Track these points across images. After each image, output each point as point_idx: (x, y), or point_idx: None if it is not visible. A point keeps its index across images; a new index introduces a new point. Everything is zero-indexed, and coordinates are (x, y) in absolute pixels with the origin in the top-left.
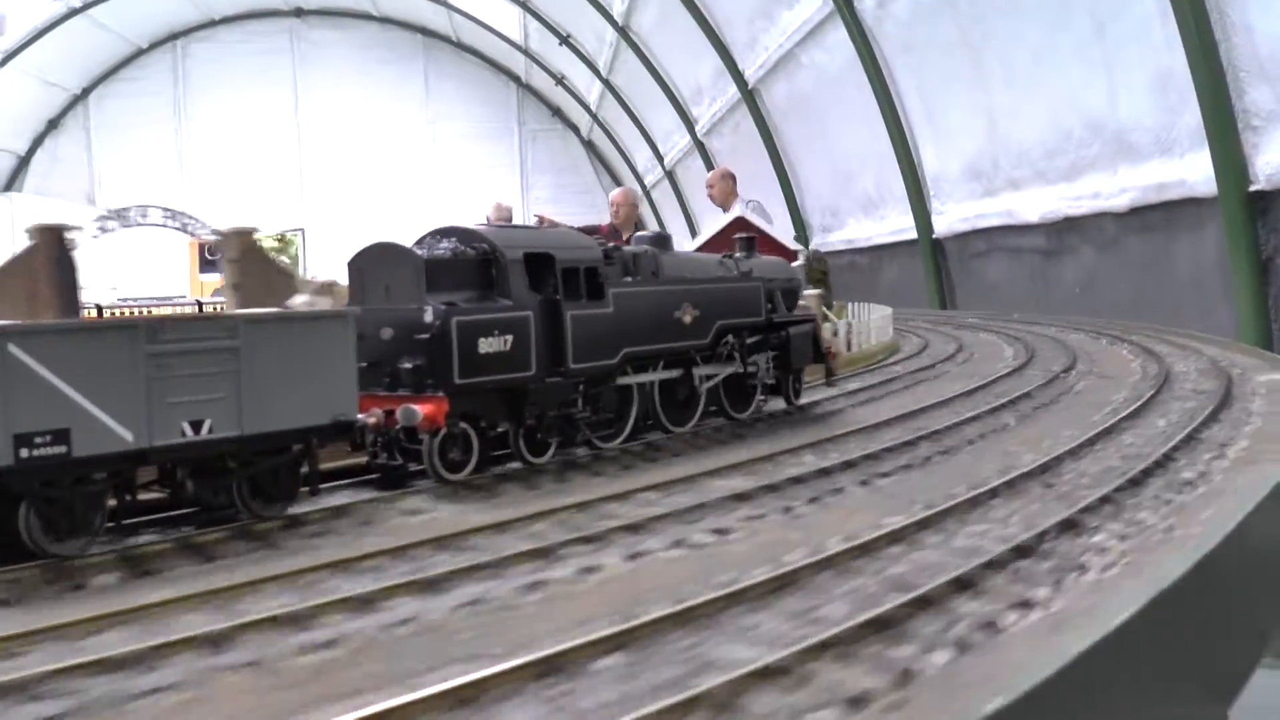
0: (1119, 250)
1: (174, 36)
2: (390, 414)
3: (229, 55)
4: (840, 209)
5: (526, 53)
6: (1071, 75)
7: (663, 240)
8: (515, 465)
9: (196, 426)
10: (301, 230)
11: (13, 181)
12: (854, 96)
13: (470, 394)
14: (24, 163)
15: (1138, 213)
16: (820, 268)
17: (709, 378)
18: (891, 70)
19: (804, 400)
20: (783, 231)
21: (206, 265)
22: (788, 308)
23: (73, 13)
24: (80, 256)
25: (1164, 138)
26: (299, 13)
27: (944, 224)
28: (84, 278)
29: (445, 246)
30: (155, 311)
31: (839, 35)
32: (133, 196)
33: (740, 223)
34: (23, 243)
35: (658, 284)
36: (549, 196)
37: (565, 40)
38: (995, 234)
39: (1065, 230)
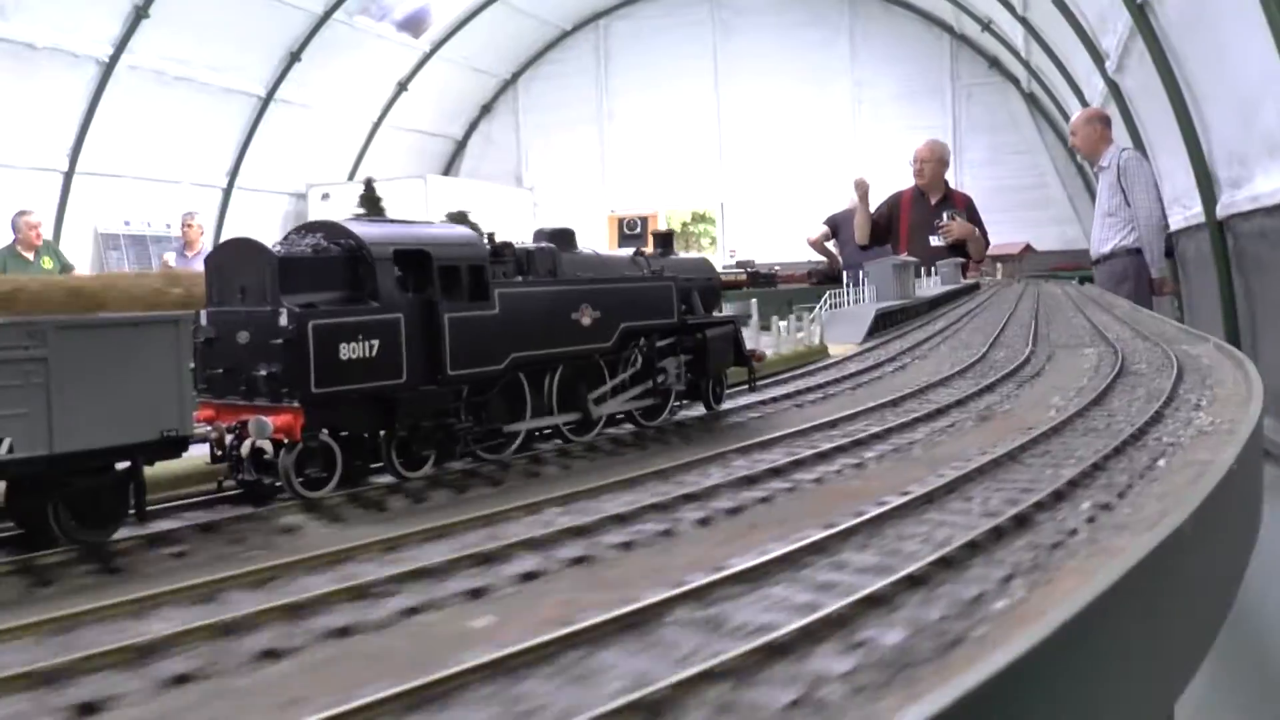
0: None
1: (596, 16)
2: (243, 426)
3: (649, 31)
4: (1248, 157)
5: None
6: None
7: (565, 237)
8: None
9: None
10: (721, 206)
11: (450, 165)
12: None
13: (331, 404)
14: (460, 147)
15: None
16: None
17: (603, 395)
18: None
19: (728, 405)
20: (1145, 196)
21: (626, 240)
22: (706, 308)
23: (491, 1)
24: None
25: None
26: None
27: None
28: None
29: (307, 243)
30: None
31: None
32: (555, 175)
33: None
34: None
35: (553, 284)
36: (984, 158)
37: None
38: None
39: None
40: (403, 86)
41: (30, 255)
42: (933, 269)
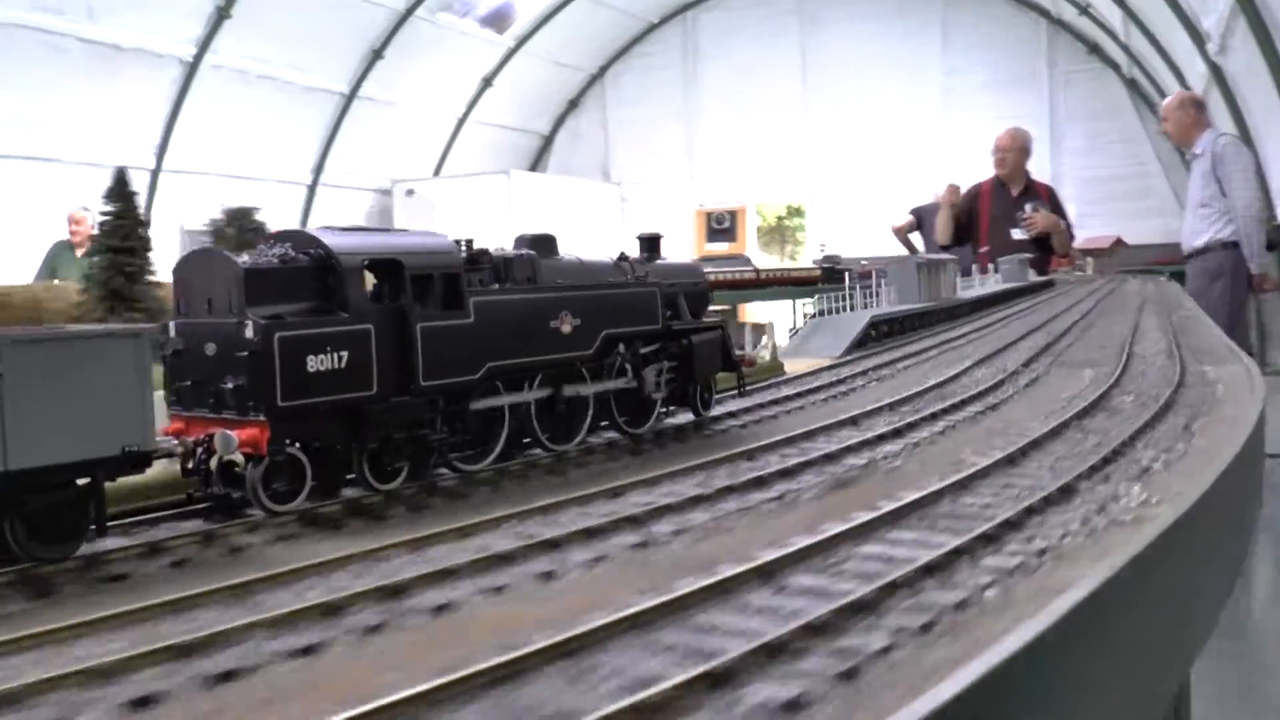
0: None
1: (684, 9)
2: (210, 439)
3: (736, 23)
4: None
5: None
6: None
7: (545, 243)
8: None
9: None
10: (809, 199)
11: (538, 161)
12: None
13: (299, 417)
14: (548, 143)
15: None
16: None
17: (586, 392)
18: None
19: (716, 411)
20: (1243, 185)
21: (714, 234)
22: (693, 314)
23: None
24: None
25: None
26: None
27: None
28: None
29: (274, 253)
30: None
31: None
32: (642, 170)
33: None
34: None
35: (530, 291)
36: (1082, 147)
37: None
38: None
39: None
40: (487, 82)
41: (78, 252)
42: (993, 266)
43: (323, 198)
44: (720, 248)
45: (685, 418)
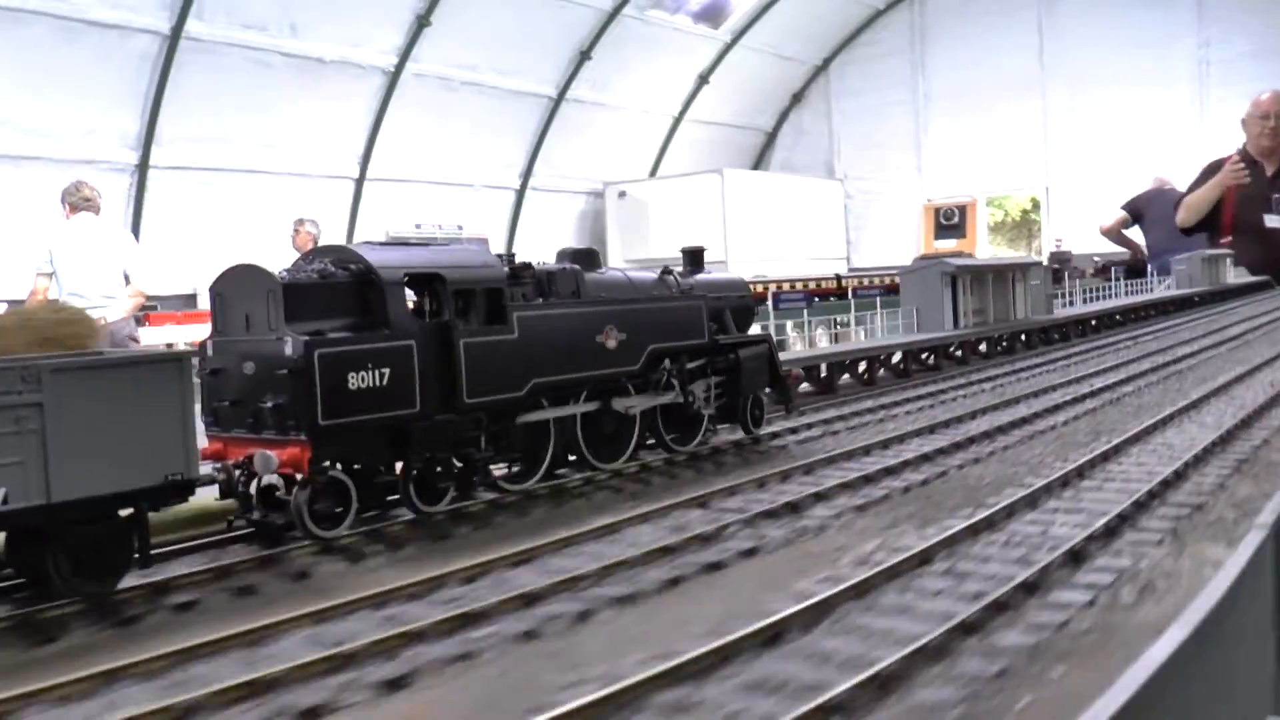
0: None
1: None
2: (250, 460)
3: (969, 4)
4: None
5: None
6: None
7: (588, 257)
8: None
9: None
10: (1045, 190)
11: (761, 158)
12: None
13: (340, 436)
14: (771, 139)
15: None
16: None
17: (631, 408)
18: None
19: (766, 430)
20: None
21: (942, 230)
22: (739, 327)
23: None
24: None
25: None
26: None
27: None
28: None
29: (313, 269)
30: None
31: None
32: (867, 164)
33: None
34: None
35: (574, 306)
36: None
37: None
38: None
39: None
40: (704, 79)
41: None
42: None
43: (531, 202)
44: (948, 244)
45: (728, 435)
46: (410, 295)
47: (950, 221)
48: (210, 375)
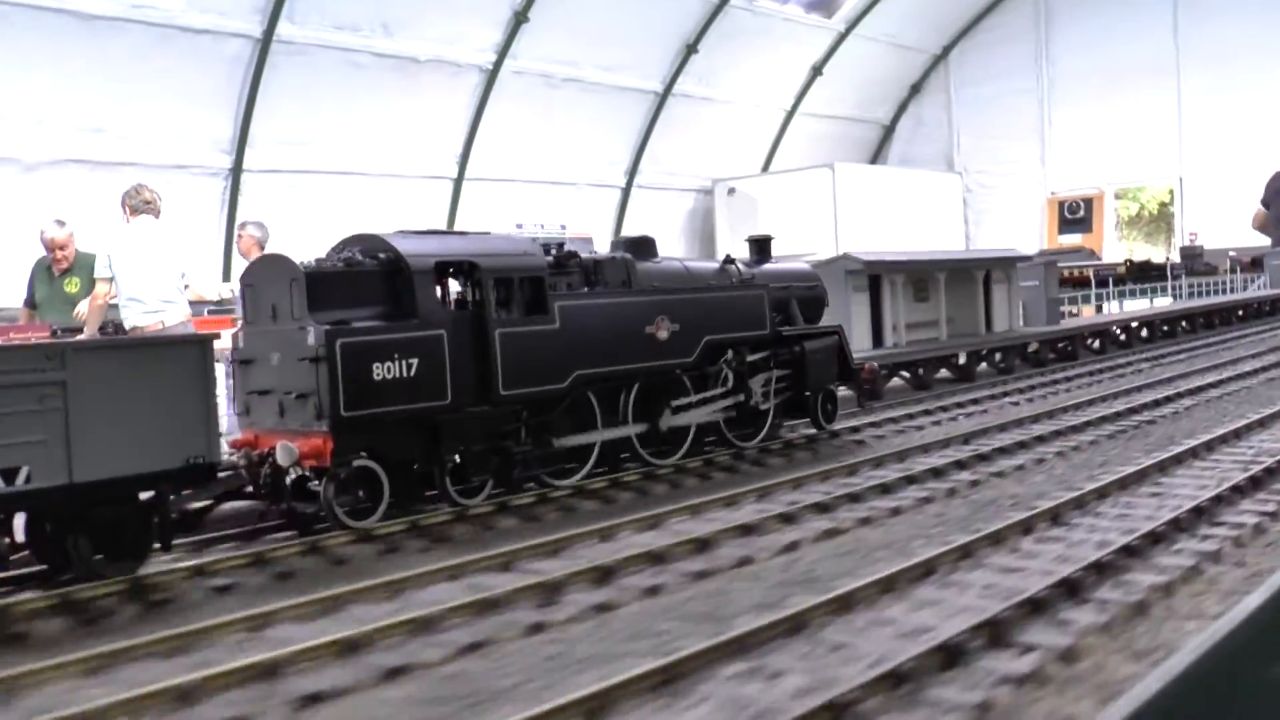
0: None
1: None
2: (271, 451)
3: None
4: None
5: None
6: None
7: (642, 245)
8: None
9: (8, 476)
10: (1179, 181)
11: (879, 152)
12: None
13: (365, 427)
14: (889, 132)
15: None
16: None
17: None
18: None
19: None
20: None
21: (1067, 225)
22: (807, 319)
23: None
24: None
25: None
26: None
27: None
28: None
29: (341, 258)
30: None
31: None
32: (988, 156)
33: None
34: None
35: (622, 295)
36: None
37: None
38: None
39: None
40: (817, 71)
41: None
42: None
43: (637, 200)
44: (1073, 239)
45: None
46: (455, 286)
47: (1075, 215)
48: (240, 365)
